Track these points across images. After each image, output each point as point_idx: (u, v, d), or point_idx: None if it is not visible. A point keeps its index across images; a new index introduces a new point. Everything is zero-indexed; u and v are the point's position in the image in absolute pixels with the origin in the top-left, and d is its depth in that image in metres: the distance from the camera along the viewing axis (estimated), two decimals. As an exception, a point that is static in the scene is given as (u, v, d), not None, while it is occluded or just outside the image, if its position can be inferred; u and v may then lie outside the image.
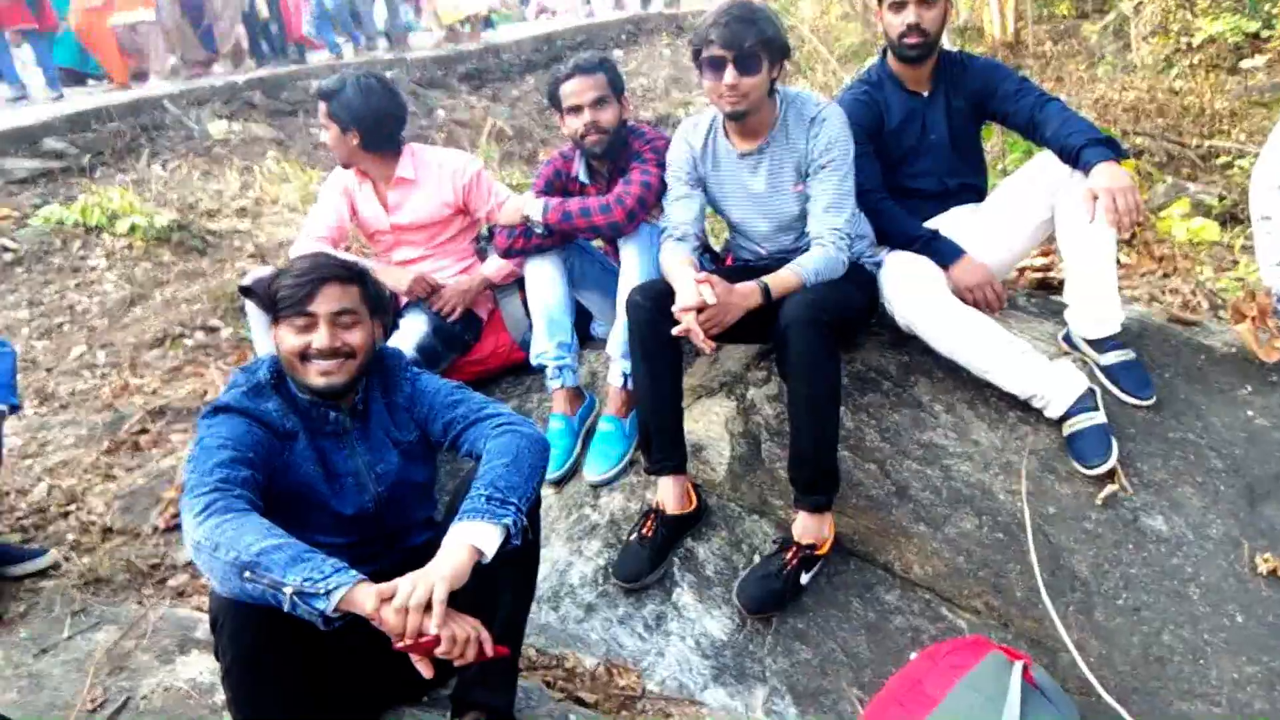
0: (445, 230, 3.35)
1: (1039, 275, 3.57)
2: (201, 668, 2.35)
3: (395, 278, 3.19)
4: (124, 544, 2.86)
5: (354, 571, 1.64)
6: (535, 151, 8.98)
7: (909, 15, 2.76)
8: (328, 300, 1.94)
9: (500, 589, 1.90)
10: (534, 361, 3.08)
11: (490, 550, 1.72)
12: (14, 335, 4.59)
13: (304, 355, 1.93)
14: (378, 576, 2.01)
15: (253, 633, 1.69)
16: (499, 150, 8.17)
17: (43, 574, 2.73)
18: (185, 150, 7.39)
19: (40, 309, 4.94)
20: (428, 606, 1.61)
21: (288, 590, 1.57)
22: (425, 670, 1.67)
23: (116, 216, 5.70)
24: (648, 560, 2.57)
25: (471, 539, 1.71)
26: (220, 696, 2.25)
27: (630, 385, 2.93)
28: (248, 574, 1.60)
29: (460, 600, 1.68)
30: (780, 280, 2.54)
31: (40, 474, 3.29)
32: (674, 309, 2.43)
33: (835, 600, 2.48)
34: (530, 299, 3.10)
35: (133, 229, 5.60)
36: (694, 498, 2.66)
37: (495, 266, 3.33)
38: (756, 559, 2.60)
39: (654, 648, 2.46)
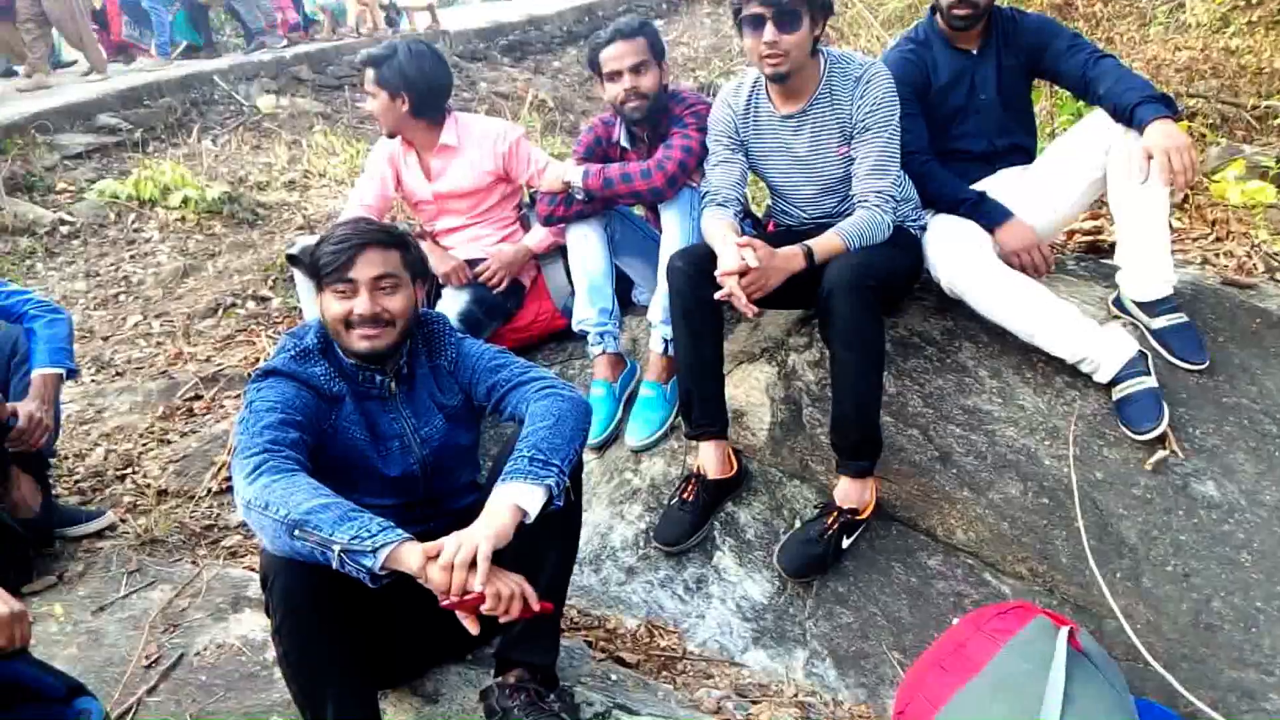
0: (487, 198, 3.37)
1: (1088, 238, 3.49)
2: (253, 625, 2.41)
3: (435, 261, 3.21)
4: (178, 506, 2.93)
5: (400, 530, 1.66)
6: (577, 123, 8.95)
7: None
8: (368, 266, 1.95)
9: (543, 550, 1.92)
10: (576, 328, 3.09)
11: (533, 510, 1.74)
12: (72, 305, 4.72)
13: (347, 321, 1.95)
14: (424, 538, 2.04)
15: (302, 590, 1.72)
16: (541, 121, 8.16)
17: (100, 535, 2.80)
18: (235, 125, 7.49)
19: (97, 280, 5.06)
20: (472, 564, 1.63)
21: (336, 548, 1.61)
22: (471, 627, 1.70)
23: (169, 190, 5.80)
24: (688, 524, 2.58)
25: (515, 499, 1.73)
26: (271, 653, 2.31)
27: (671, 351, 2.92)
28: (297, 532, 1.63)
29: (504, 561, 1.70)
30: (824, 244, 2.51)
31: (97, 439, 3.39)
32: (716, 273, 2.42)
33: (876, 565, 2.47)
34: (572, 266, 3.11)
35: (185, 202, 5.70)
36: (735, 463, 2.66)
37: (538, 237, 3.34)
38: (797, 524, 2.59)
39: (694, 610, 2.48)
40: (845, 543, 2.45)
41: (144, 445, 3.33)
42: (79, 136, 6.54)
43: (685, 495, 2.61)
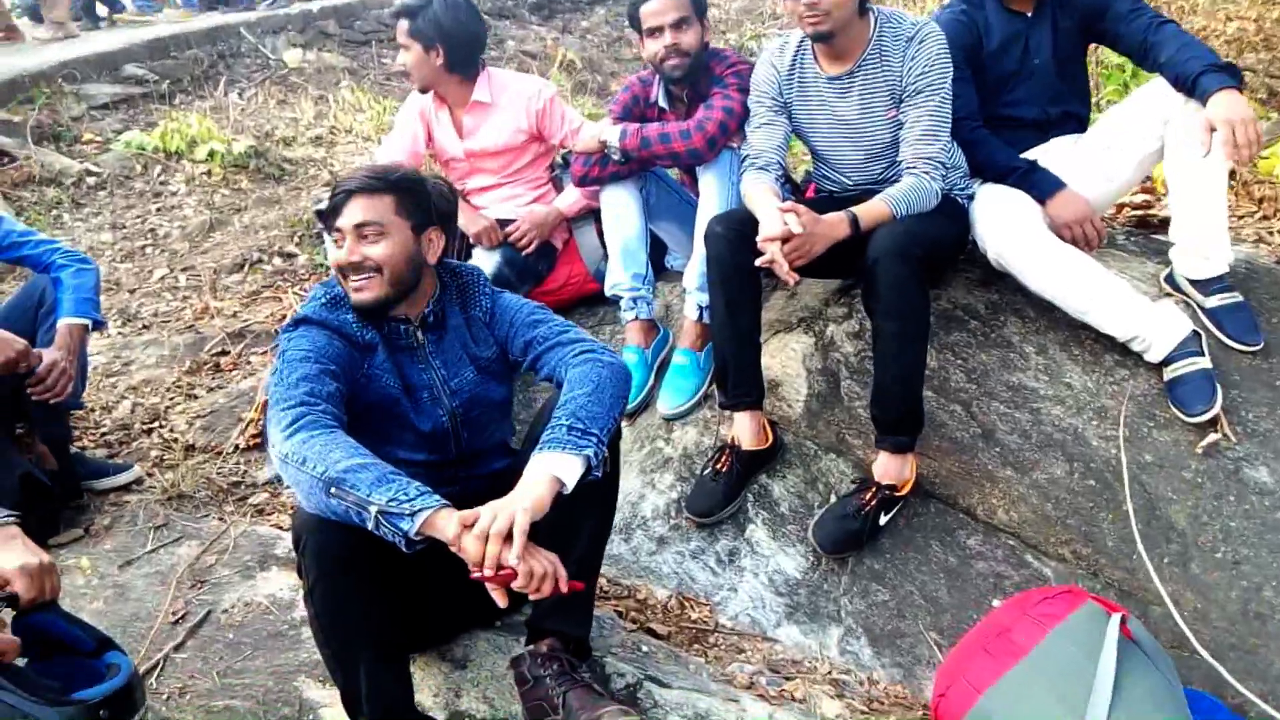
0: (520, 157, 3.29)
1: (1138, 212, 3.38)
2: (281, 584, 2.39)
3: (465, 220, 3.15)
4: (205, 461, 2.91)
5: (438, 496, 1.62)
6: (605, 84, 8.82)
7: None
8: (352, 213, 1.88)
9: (579, 521, 1.88)
10: (609, 292, 3.02)
11: (571, 481, 1.69)
12: (98, 257, 4.68)
13: (342, 271, 1.91)
14: (455, 501, 2.01)
15: (336, 551, 1.69)
16: (570, 81, 8.03)
17: (127, 488, 2.79)
18: (261, 79, 7.41)
19: (123, 232, 5.02)
20: (508, 537, 1.59)
21: (373, 509, 1.56)
22: (500, 600, 1.66)
23: (196, 143, 5.75)
24: (721, 495, 2.53)
25: (553, 469, 1.68)
26: (299, 613, 2.29)
27: (706, 318, 2.86)
28: (334, 490, 1.59)
29: (539, 531, 1.66)
30: (870, 211, 2.43)
31: (124, 392, 3.37)
32: (758, 239, 2.34)
33: (914, 543, 2.42)
34: (606, 229, 3.04)
35: (211, 155, 5.65)
36: (770, 434, 2.61)
37: (570, 199, 3.26)
38: (833, 498, 2.54)
39: (726, 583, 2.43)
40: (883, 519, 2.40)
41: (170, 399, 3.30)
42: (105, 87, 6.48)
43: (719, 466, 2.55)
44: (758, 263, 2.35)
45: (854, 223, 2.41)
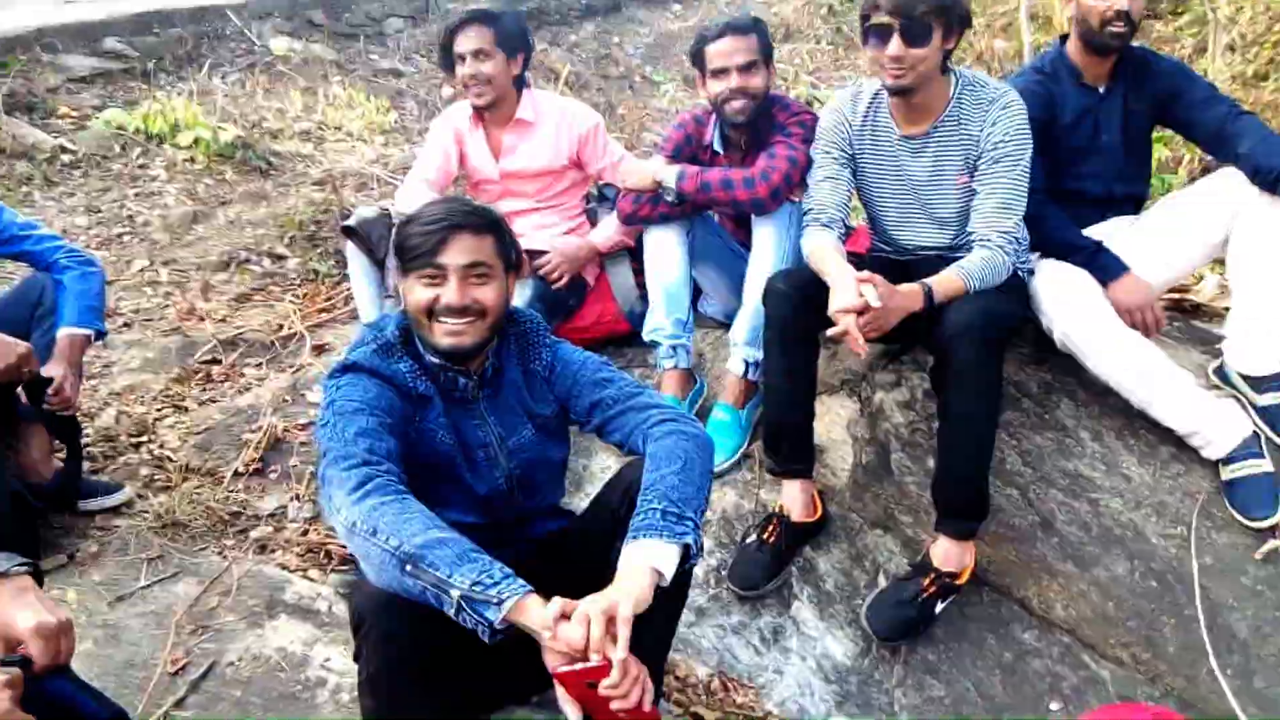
0: (556, 183, 3.15)
1: (1175, 295, 3.35)
2: (292, 636, 2.19)
3: None
4: (201, 487, 2.68)
5: (522, 580, 1.46)
6: (592, 100, 8.69)
7: (1118, 0, 2.50)
8: (459, 251, 1.73)
9: (651, 607, 1.72)
10: (647, 337, 2.88)
11: (670, 572, 1.54)
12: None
13: (430, 311, 1.74)
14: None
15: (404, 640, 1.52)
16: (575, 98, 7.90)
17: (116, 511, 2.56)
18: (246, 64, 7.13)
19: (99, 216, 4.73)
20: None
21: (455, 593, 1.41)
22: (573, 714, 1.51)
23: (179, 128, 5.47)
24: (766, 568, 2.40)
25: (652, 560, 1.53)
26: (312, 671, 2.11)
27: (752, 375, 2.74)
28: (409, 568, 1.43)
29: None
30: (944, 284, 2.33)
31: (107, 397, 3.11)
32: (831, 308, 2.22)
33: (968, 634, 2.32)
34: (649, 270, 2.90)
35: (196, 142, 5.38)
36: (819, 506, 2.49)
37: (605, 234, 3.12)
38: (881, 578, 2.43)
39: (771, 664, 2.30)
40: (938, 608, 2.29)
41: (159, 410, 3.06)
42: (84, 59, 6.15)
43: (766, 536, 2.43)
44: (829, 333, 2.23)
45: (929, 296, 2.31)
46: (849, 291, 2.21)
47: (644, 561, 1.52)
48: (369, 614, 1.53)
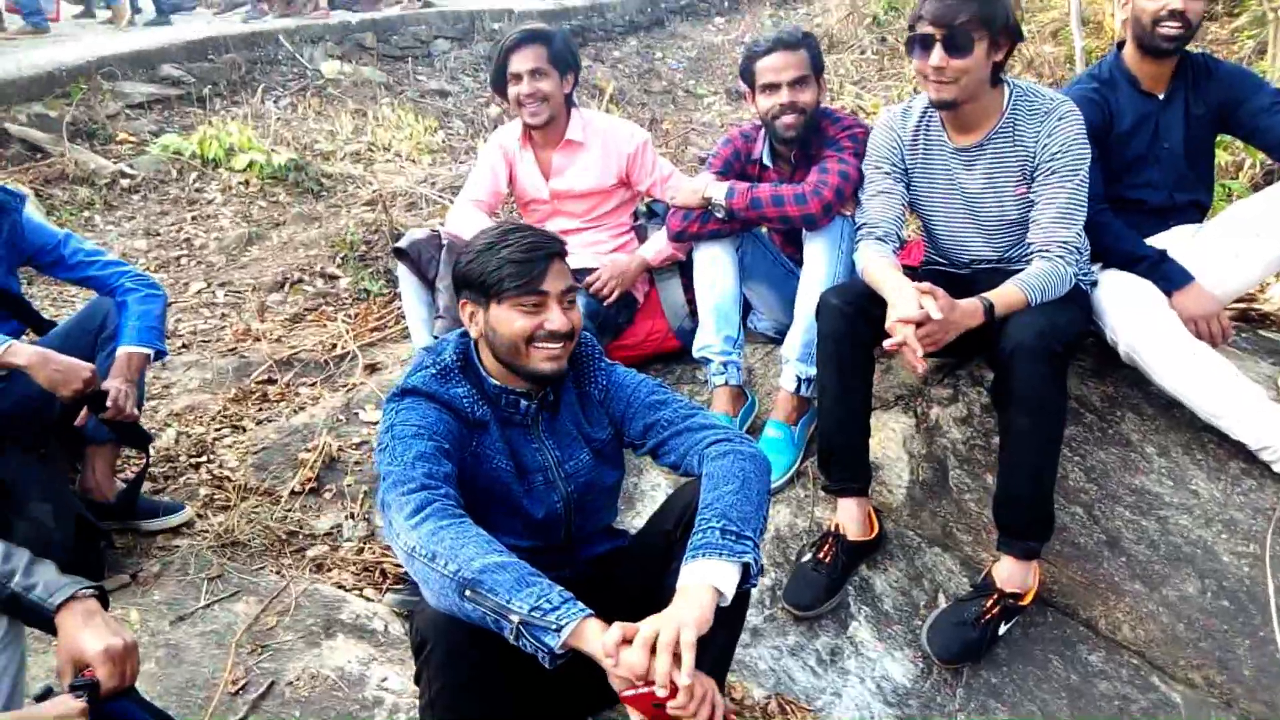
0: (605, 202, 3.15)
1: (1241, 305, 3.26)
2: (349, 656, 2.20)
3: None
4: (258, 506, 2.72)
5: (582, 604, 1.45)
6: (635, 115, 8.72)
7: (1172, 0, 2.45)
8: (557, 277, 1.75)
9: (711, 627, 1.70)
10: (697, 354, 2.86)
11: (730, 591, 1.52)
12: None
13: (530, 337, 1.74)
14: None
15: (467, 665, 1.52)
16: (619, 113, 7.93)
17: (176, 531, 2.60)
18: (297, 88, 7.27)
19: (157, 239, 4.85)
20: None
21: (514, 618, 1.40)
22: None
23: (234, 151, 5.59)
24: (823, 588, 2.36)
25: (711, 579, 1.50)
26: (370, 691, 2.12)
27: (805, 391, 2.71)
28: (468, 593, 1.42)
29: None
30: (1005, 297, 2.28)
31: (167, 418, 3.18)
32: (890, 319, 2.19)
33: (1032, 656, 2.26)
34: (698, 287, 2.88)
35: (250, 165, 5.49)
36: (876, 523, 2.45)
37: (655, 249, 3.11)
38: (940, 598, 2.38)
39: (829, 686, 2.26)
40: (1002, 629, 2.23)
41: (217, 430, 3.11)
42: (141, 86, 6.32)
43: (821, 555, 2.39)
44: (886, 345, 2.20)
45: (989, 311, 2.26)
46: (909, 303, 2.17)
47: (704, 580, 1.50)
48: (431, 636, 1.53)
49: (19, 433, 2.39)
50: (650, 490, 2.80)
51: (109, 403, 2.33)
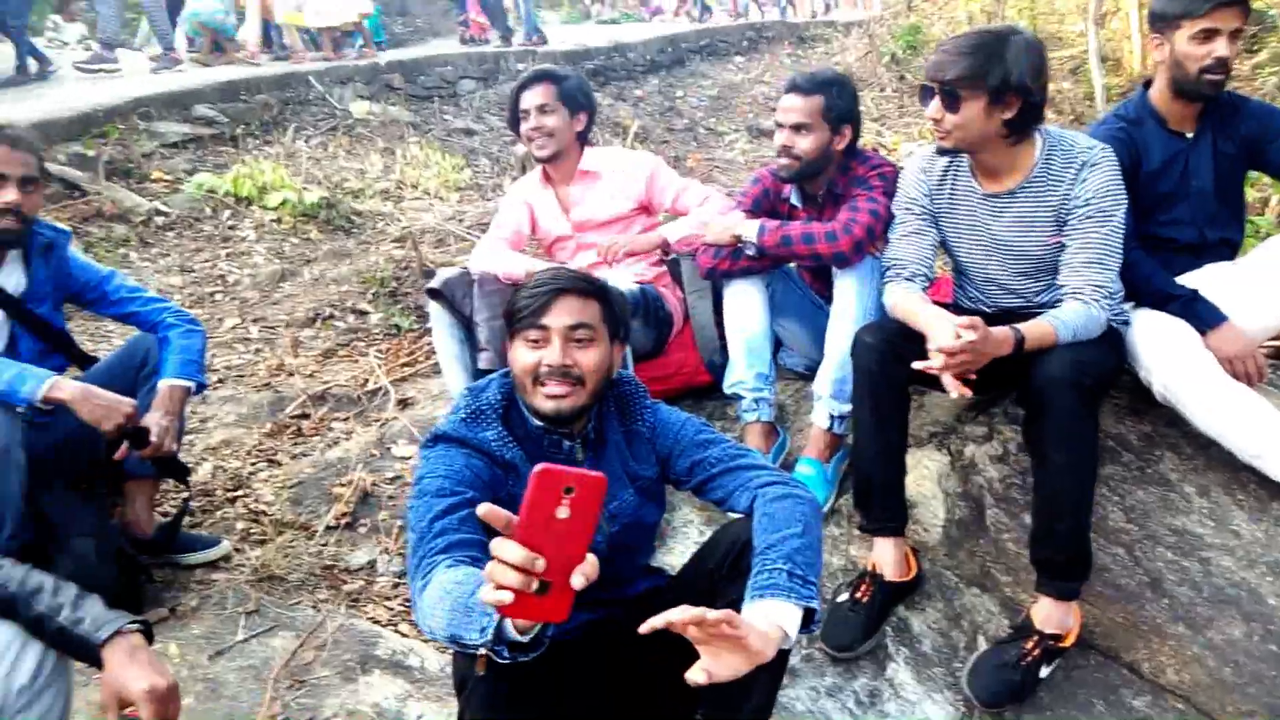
0: (628, 228, 3.20)
1: (1276, 343, 3.23)
2: (386, 692, 2.20)
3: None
4: (294, 540, 2.73)
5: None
6: (657, 153, 8.83)
7: (1219, 48, 2.45)
8: (563, 313, 1.74)
9: (755, 670, 1.69)
10: (728, 390, 2.87)
11: (794, 634, 1.50)
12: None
13: (535, 375, 1.75)
14: (596, 628, 1.83)
15: (507, 701, 1.51)
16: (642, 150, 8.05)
17: (214, 565, 2.62)
18: (328, 127, 7.40)
19: (192, 276, 4.92)
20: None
21: (482, 653, 1.36)
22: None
23: (267, 189, 5.69)
24: (860, 628, 2.34)
25: (778, 619, 1.49)
26: (407, 728, 2.11)
27: (838, 428, 2.71)
28: (455, 646, 1.42)
29: (711, 689, 1.45)
30: (1035, 331, 2.26)
31: (203, 453, 3.21)
32: (931, 348, 2.18)
33: (1075, 699, 2.22)
34: (729, 323, 2.89)
35: (283, 203, 5.58)
36: (913, 564, 2.43)
37: (680, 231, 3.08)
38: (980, 639, 2.35)
39: (868, 728, 2.24)
40: (1043, 672, 2.21)
41: (253, 464, 3.14)
42: (176, 126, 6.46)
43: (858, 595, 2.37)
44: (918, 365, 2.17)
45: (1019, 343, 2.25)
46: (947, 332, 2.17)
47: (769, 619, 1.49)
48: (471, 675, 1.53)
49: (63, 468, 2.43)
50: (683, 527, 2.80)
51: (150, 439, 2.36)
